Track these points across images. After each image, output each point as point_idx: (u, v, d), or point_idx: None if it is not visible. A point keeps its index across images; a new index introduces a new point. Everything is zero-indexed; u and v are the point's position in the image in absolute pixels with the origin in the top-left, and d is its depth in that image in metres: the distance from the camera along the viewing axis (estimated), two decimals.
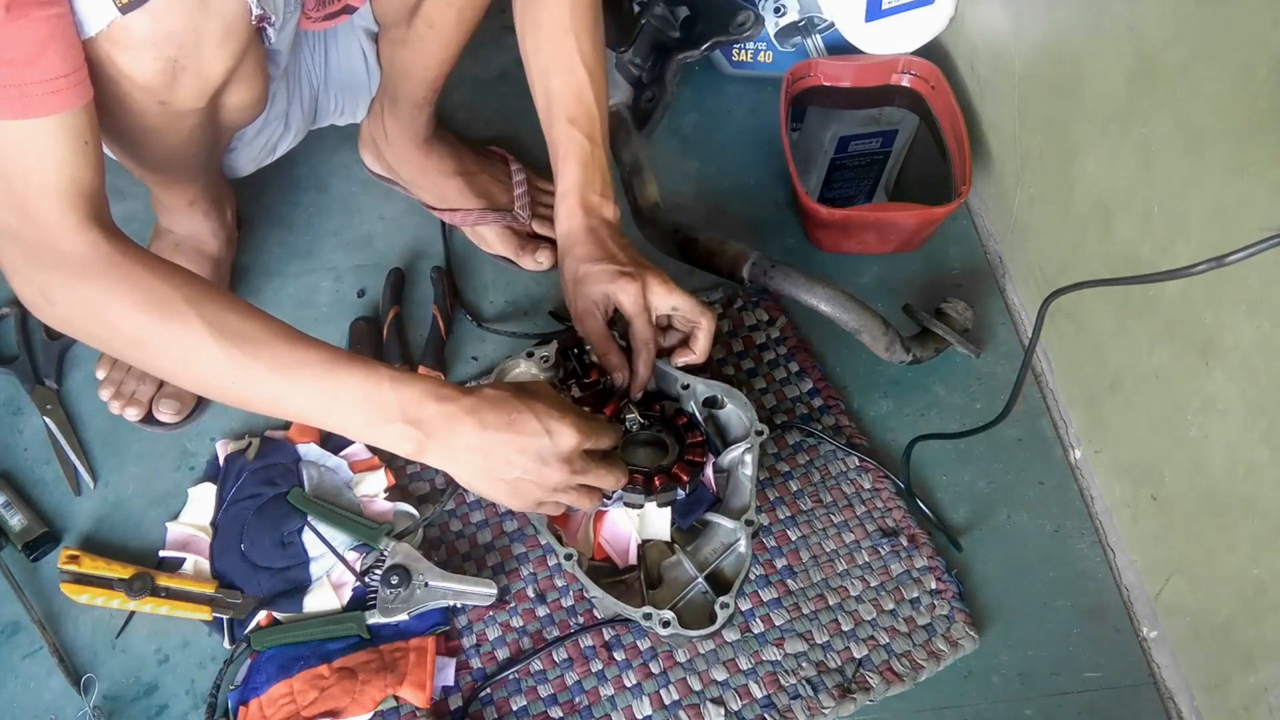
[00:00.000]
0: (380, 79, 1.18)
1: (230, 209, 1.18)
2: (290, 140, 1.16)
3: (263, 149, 1.13)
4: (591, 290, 0.94)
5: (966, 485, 1.12)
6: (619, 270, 0.94)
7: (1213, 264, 0.73)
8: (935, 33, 1.34)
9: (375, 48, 1.16)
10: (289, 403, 0.79)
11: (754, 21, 1.27)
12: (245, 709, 0.94)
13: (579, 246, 0.96)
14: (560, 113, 0.97)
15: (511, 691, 0.97)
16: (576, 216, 0.96)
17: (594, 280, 0.94)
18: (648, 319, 0.95)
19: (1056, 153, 1.12)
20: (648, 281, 0.94)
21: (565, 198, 0.97)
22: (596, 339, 0.96)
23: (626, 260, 0.95)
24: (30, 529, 1.03)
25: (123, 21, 0.75)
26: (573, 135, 0.97)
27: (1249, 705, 0.91)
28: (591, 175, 0.97)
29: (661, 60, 1.26)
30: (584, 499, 0.87)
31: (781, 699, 0.97)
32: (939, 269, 1.28)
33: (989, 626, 1.03)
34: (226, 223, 1.17)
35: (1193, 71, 0.88)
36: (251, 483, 1.04)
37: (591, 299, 0.94)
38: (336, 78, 1.17)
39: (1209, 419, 0.92)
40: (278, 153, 1.16)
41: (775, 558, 1.05)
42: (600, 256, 0.95)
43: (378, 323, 1.18)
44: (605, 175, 0.98)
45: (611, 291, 0.93)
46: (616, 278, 0.93)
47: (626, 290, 0.93)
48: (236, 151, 1.10)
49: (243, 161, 1.13)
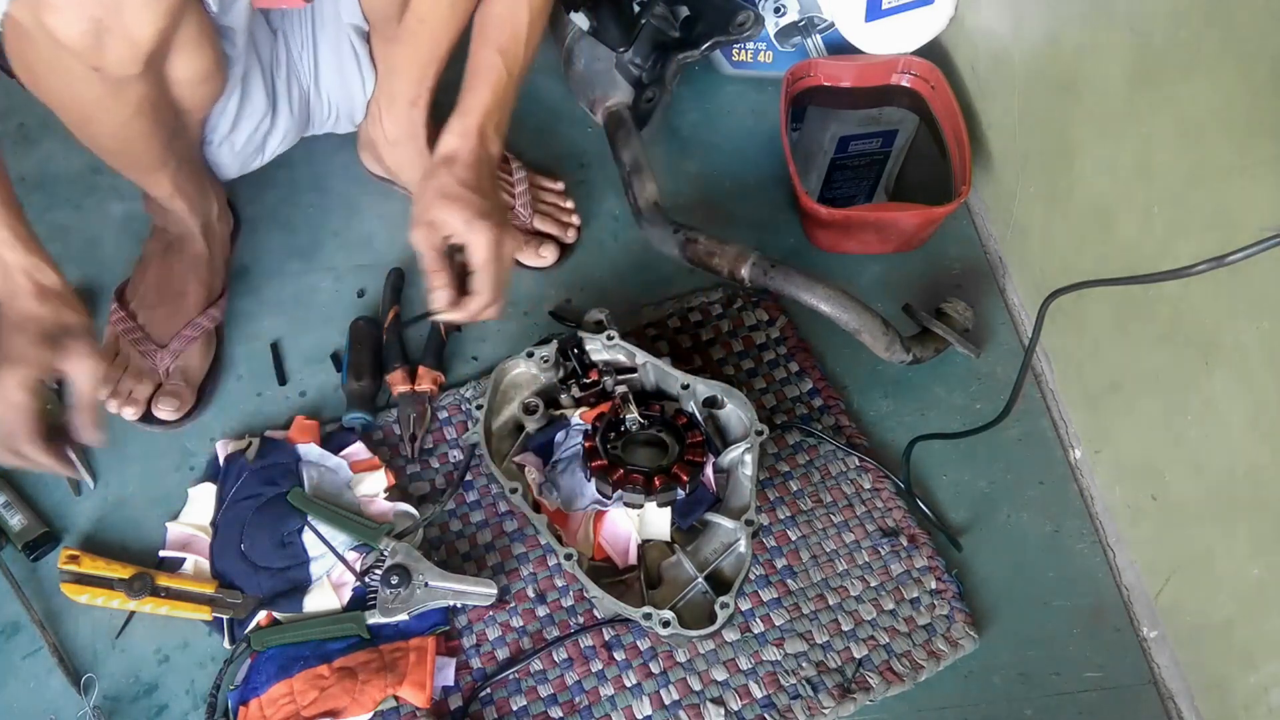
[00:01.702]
0: (375, 80, 1.18)
1: (218, 206, 1.16)
2: (280, 140, 1.15)
3: (247, 145, 1.12)
4: (448, 214, 0.94)
5: (966, 485, 1.12)
6: (486, 211, 0.94)
7: (1213, 264, 0.73)
8: (935, 33, 1.34)
9: (368, 48, 1.15)
10: None
11: (754, 21, 1.27)
12: (245, 709, 0.94)
13: (460, 168, 0.96)
14: (493, 38, 0.98)
15: (511, 691, 0.97)
16: (471, 138, 0.97)
17: (458, 206, 0.94)
18: (497, 269, 0.96)
19: (1056, 153, 1.12)
20: (504, 237, 0.95)
21: (464, 115, 0.97)
22: (431, 253, 0.95)
23: (495, 206, 0.96)
24: (30, 529, 1.03)
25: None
26: (496, 63, 0.98)
27: (1249, 705, 0.91)
28: (498, 107, 0.98)
29: (661, 60, 1.26)
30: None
31: (781, 699, 0.97)
32: (939, 269, 1.28)
33: (989, 626, 1.03)
34: (212, 220, 1.15)
35: (1193, 71, 0.88)
36: (251, 483, 1.04)
37: (443, 219, 0.94)
38: (329, 78, 1.16)
39: (1209, 419, 0.92)
40: (267, 153, 1.15)
41: (775, 558, 1.05)
42: (473, 187, 0.95)
43: (378, 323, 1.18)
44: (508, 112, 1.00)
45: (471, 228, 0.93)
46: (483, 217, 0.94)
47: (486, 235, 0.93)
48: (217, 146, 1.09)
49: (226, 158, 1.12)
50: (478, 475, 1.09)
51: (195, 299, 1.12)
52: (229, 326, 1.18)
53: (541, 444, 1.03)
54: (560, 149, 1.36)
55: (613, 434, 0.99)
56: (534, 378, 1.05)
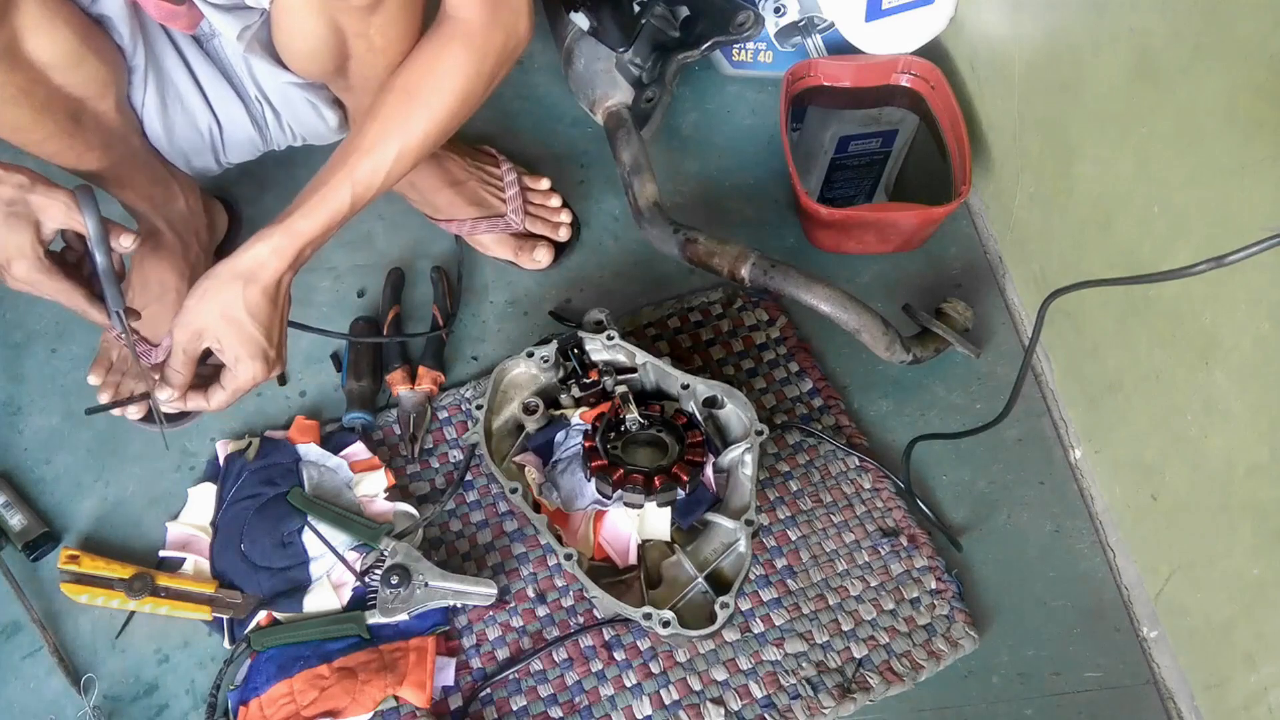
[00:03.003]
0: (346, 118, 1.13)
1: (186, 199, 1.13)
2: (240, 150, 1.12)
3: (194, 146, 1.09)
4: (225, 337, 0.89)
5: (966, 485, 1.12)
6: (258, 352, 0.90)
7: (1213, 264, 0.72)
8: (935, 33, 1.34)
9: (325, 93, 1.10)
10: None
11: (754, 21, 1.27)
12: (245, 709, 0.94)
13: (257, 292, 0.89)
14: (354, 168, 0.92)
15: (511, 691, 0.97)
16: (284, 259, 0.90)
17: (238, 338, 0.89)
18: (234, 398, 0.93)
19: (1056, 153, 1.12)
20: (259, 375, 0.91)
21: (290, 234, 0.90)
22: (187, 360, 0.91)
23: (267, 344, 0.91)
24: (30, 529, 1.03)
25: None
26: (344, 196, 0.91)
27: (1249, 705, 0.91)
28: (323, 236, 0.92)
29: (661, 60, 1.26)
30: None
31: (781, 699, 0.97)
32: (939, 269, 1.28)
33: (989, 626, 1.03)
34: (181, 213, 1.12)
35: (1193, 71, 0.88)
36: (251, 482, 1.04)
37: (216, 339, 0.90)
38: (286, 111, 1.11)
39: (1209, 419, 0.92)
40: (227, 158, 1.12)
41: (775, 558, 1.05)
42: (261, 321, 0.90)
43: (378, 323, 1.18)
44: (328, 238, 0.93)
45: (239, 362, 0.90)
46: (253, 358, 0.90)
47: (248, 373, 0.90)
48: (161, 139, 1.06)
49: (179, 158, 1.09)
50: (478, 475, 1.09)
51: (181, 295, 1.11)
52: None
53: (541, 444, 1.03)
54: (560, 149, 1.36)
55: (613, 434, 0.99)
56: (534, 378, 1.05)
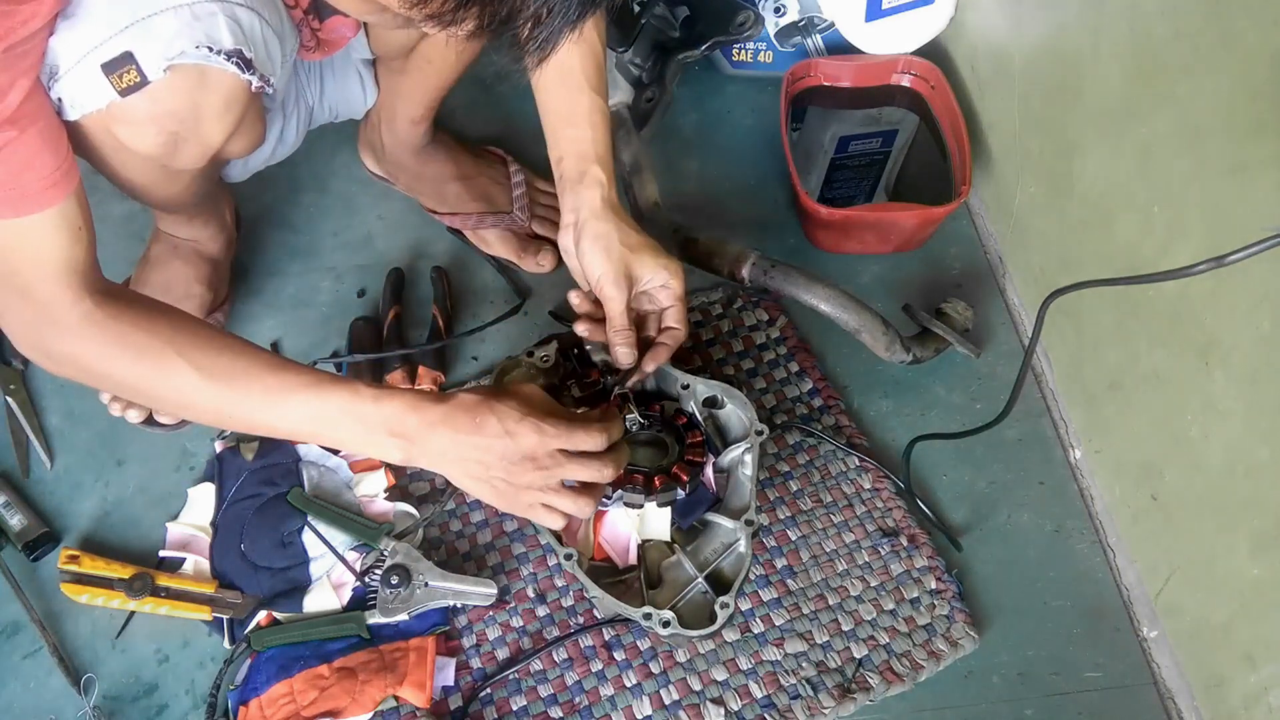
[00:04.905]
0: (378, 95, 1.19)
1: (229, 211, 1.18)
2: (287, 151, 1.15)
3: (258, 161, 1.13)
4: (642, 265, 0.94)
5: (966, 485, 1.12)
6: (661, 249, 0.95)
7: (1213, 264, 0.72)
8: (935, 33, 1.34)
9: (372, 71, 1.17)
10: (284, 426, 0.83)
11: (754, 21, 1.27)
12: (245, 709, 0.94)
13: (625, 217, 0.95)
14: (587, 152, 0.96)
15: (511, 691, 0.97)
16: (611, 185, 0.95)
17: (649, 253, 0.94)
18: (684, 308, 0.97)
19: (1056, 153, 1.12)
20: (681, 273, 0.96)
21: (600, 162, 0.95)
22: (619, 311, 0.94)
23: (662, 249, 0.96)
24: (30, 529, 1.03)
25: (123, 103, 0.77)
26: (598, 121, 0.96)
27: (1249, 705, 0.91)
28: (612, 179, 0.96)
29: (661, 60, 1.26)
30: (572, 501, 0.85)
31: (781, 699, 0.97)
32: (939, 269, 1.28)
33: (989, 626, 1.03)
34: (225, 224, 1.17)
35: (1193, 71, 0.88)
36: (251, 483, 1.04)
37: (639, 272, 0.94)
38: (332, 93, 1.18)
39: (1209, 419, 0.92)
40: (274, 161, 1.16)
41: (775, 558, 1.05)
42: (641, 231, 0.95)
43: (378, 323, 1.18)
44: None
45: (667, 269, 0.94)
46: (666, 254, 0.95)
47: (680, 268, 0.95)
48: (232, 166, 1.11)
49: (236, 173, 1.13)
50: None
51: (201, 303, 1.12)
52: (229, 326, 1.18)
53: None
54: None
55: None
56: (534, 378, 1.05)
